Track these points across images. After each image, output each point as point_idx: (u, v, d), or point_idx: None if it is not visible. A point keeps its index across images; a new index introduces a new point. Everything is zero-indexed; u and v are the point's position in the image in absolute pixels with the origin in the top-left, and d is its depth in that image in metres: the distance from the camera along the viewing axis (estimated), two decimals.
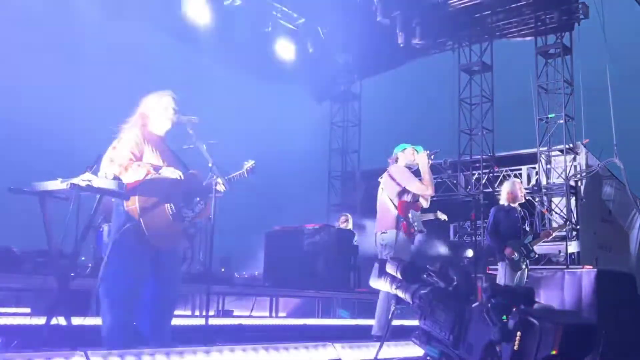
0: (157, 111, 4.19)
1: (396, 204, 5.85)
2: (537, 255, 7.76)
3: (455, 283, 2.51)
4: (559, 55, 14.30)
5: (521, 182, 11.30)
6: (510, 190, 7.77)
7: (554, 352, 2.35)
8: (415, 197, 6.06)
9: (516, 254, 7.30)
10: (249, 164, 4.58)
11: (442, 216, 7.63)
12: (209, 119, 4.87)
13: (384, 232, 5.82)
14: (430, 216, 7.07)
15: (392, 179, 6.00)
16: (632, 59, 15.60)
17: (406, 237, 5.79)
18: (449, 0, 13.77)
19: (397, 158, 6.18)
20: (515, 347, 2.30)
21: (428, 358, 2.42)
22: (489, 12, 14.44)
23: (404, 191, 5.91)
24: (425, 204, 6.24)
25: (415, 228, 5.88)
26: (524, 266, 7.36)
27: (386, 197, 5.92)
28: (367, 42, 16.07)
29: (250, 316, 10.63)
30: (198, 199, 4.11)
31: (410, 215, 5.88)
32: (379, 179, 6.20)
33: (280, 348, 3.76)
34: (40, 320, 4.28)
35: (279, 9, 14.11)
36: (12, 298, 10.73)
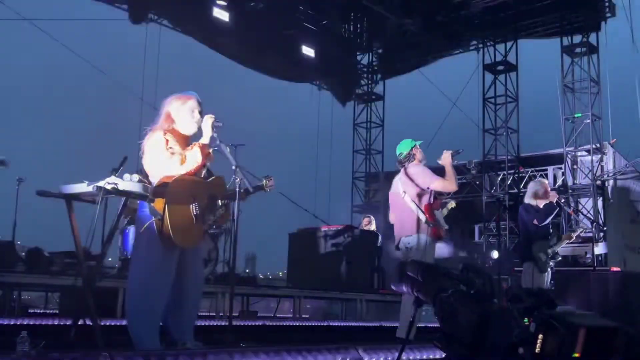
0: (183, 114, 4.16)
1: (422, 207, 5.67)
2: (560, 257, 7.67)
3: (477, 286, 2.50)
4: (585, 54, 14.17)
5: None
6: (536, 189, 7.70)
7: (576, 355, 2.34)
8: (435, 195, 5.87)
9: (543, 255, 7.23)
10: (269, 183, 4.57)
11: (452, 204, 7.54)
12: (233, 120, 4.91)
13: (408, 236, 5.67)
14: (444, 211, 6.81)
15: (412, 180, 5.78)
16: None
17: (432, 239, 5.62)
18: (473, 6, 13.69)
19: (413, 155, 5.92)
20: (537, 350, 2.29)
21: None
22: (514, 11, 14.34)
23: (424, 191, 5.71)
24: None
25: (444, 229, 5.79)
26: (549, 268, 7.30)
27: (409, 200, 5.72)
28: (391, 42, 16.14)
29: (274, 317, 10.69)
30: (220, 203, 4.13)
31: (437, 217, 5.75)
32: (397, 180, 5.95)
33: (303, 351, 3.75)
34: (68, 321, 4.35)
35: (302, 11, 14.16)
36: (41, 298, 10.91)
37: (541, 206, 7.53)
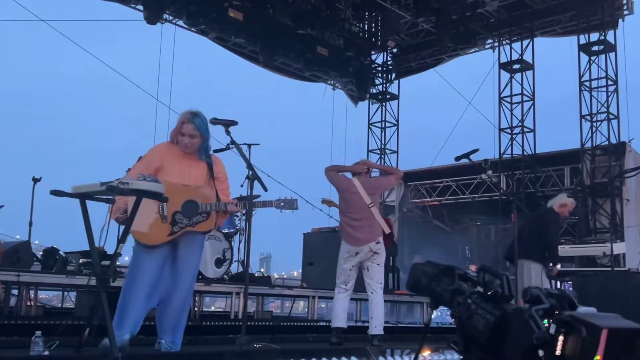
0: (173, 132, 4.31)
1: (382, 216, 6.06)
2: None
3: (494, 287, 2.46)
4: (603, 52, 14.04)
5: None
6: (566, 202, 7.84)
7: (598, 358, 2.29)
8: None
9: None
10: (288, 205, 4.60)
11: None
12: (247, 120, 4.92)
13: (378, 242, 5.89)
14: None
15: (378, 191, 6.29)
16: None
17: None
18: (489, 4, 13.66)
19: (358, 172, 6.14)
20: (558, 352, 2.25)
21: None
22: (530, 9, 14.27)
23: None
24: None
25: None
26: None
27: (376, 211, 5.94)
28: (405, 41, 16.11)
29: (289, 316, 10.71)
30: (200, 210, 4.17)
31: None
32: (360, 188, 6.00)
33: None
34: (83, 320, 4.37)
35: (316, 11, 14.15)
36: (57, 297, 10.98)
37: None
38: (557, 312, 2.35)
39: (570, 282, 7.89)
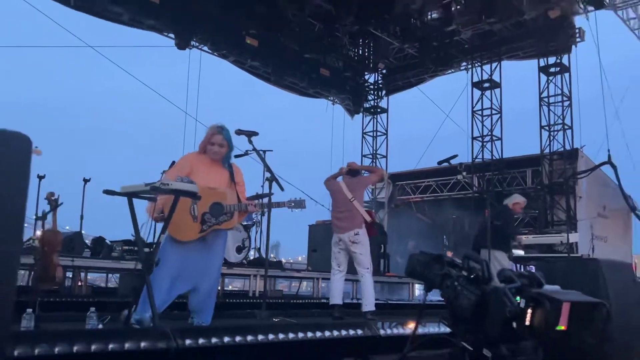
0: (203, 142, 4.29)
1: (364, 209, 5.96)
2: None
3: (476, 272, 2.49)
4: (559, 73, 14.09)
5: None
6: (519, 201, 8.02)
7: (562, 327, 2.31)
8: None
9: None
10: (298, 205, 4.60)
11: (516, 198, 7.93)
12: (262, 130, 4.93)
13: (358, 229, 5.81)
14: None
15: (362, 188, 6.19)
16: (623, 73, 15.31)
17: (366, 232, 5.91)
18: (464, 28, 13.66)
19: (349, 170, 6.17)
20: (527, 323, 2.28)
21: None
22: (498, 37, 14.29)
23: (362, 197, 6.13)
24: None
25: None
26: None
27: (357, 204, 5.90)
28: (393, 63, 16.13)
29: (297, 294, 10.72)
30: (225, 211, 4.15)
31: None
32: (343, 186, 6.04)
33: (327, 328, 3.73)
34: (128, 298, 4.38)
35: (320, 38, 14.15)
36: (101, 278, 10.97)
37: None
38: (526, 290, 2.39)
39: (534, 267, 7.94)
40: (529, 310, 2.30)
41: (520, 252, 10.01)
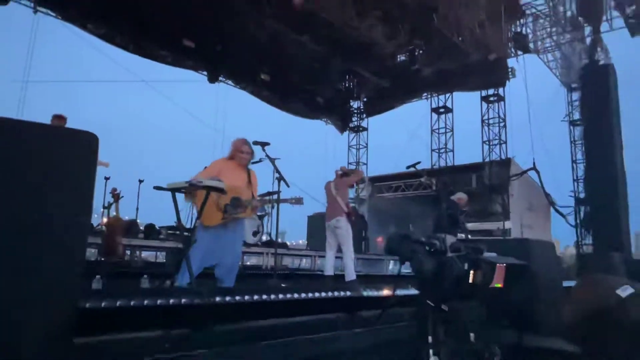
0: (234, 151, 4.26)
1: (345, 201, 5.87)
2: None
3: (435, 246, 2.48)
4: (496, 102, 14.20)
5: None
6: (462, 197, 7.97)
7: (499, 285, 2.30)
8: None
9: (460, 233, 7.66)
10: (297, 201, 4.56)
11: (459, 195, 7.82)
12: (273, 143, 4.90)
13: (339, 217, 5.72)
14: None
15: (345, 188, 6.06)
16: (546, 101, 15.42)
17: (347, 220, 5.78)
18: (424, 71, 13.72)
19: (344, 174, 6.13)
20: (470, 281, 2.27)
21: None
22: (450, 74, 14.35)
23: (345, 194, 5.98)
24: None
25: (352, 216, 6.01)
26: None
27: (340, 199, 5.82)
28: (372, 94, 16.13)
29: (298, 268, 10.68)
30: (240, 207, 4.11)
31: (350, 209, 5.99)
32: (332, 185, 5.98)
33: (323, 291, 3.71)
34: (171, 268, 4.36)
35: (317, 75, 14.12)
36: (151, 255, 10.87)
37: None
38: (470, 257, 2.38)
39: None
40: (472, 272, 2.29)
41: (463, 236, 10.04)
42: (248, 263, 11.28)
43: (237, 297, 2.73)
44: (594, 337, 1.61)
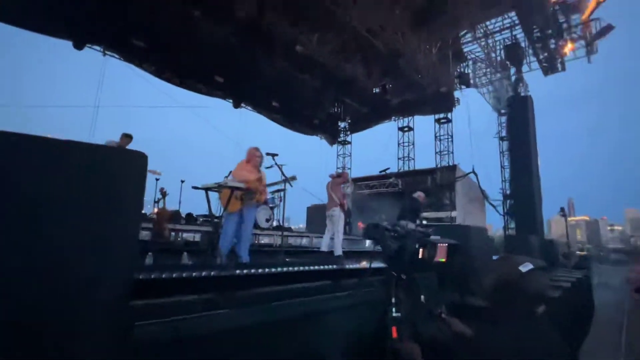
0: (250, 155, 4.26)
1: (340, 196, 5.82)
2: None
3: (399, 232, 2.47)
4: (445, 123, 14.24)
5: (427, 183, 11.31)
6: (421, 195, 7.86)
7: (443, 260, 2.31)
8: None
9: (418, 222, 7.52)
10: (292, 179, 4.55)
11: (418, 194, 7.61)
12: (280, 154, 4.89)
13: (334, 208, 5.70)
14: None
15: (335, 184, 5.98)
16: (484, 122, 15.49)
17: (340, 211, 5.75)
18: (393, 100, 13.75)
19: (340, 175, 6.10)
20: (420, 257, 2.27)
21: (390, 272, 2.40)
22: (412, 102, 14.41)
23: (339, 191, 5.92)
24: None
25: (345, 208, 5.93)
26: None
27: (334, 194, 5.79)
28: (354, 116, 16.09)
29: (300, 245, 10.66)
30: (252, 195, 4.08)
31: (344, 202, 5.93)
32: (330, 184, 5.96)
33: (318, 264, 3.70)
34: (205, 246, 4.34)
35: (314, 102, 14.08)
36: (189, 236, 10.76)
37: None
38: (420, 238, 2.38)
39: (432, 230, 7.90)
40: (421, 249, 2.28)
41: (420, 222, 10.01)
42: (262, 242, 11.26)
43: (252, 270, 2.74)
44: (503, 299, 1.66)
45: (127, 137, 5.47)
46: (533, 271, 1.64)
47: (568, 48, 11.45)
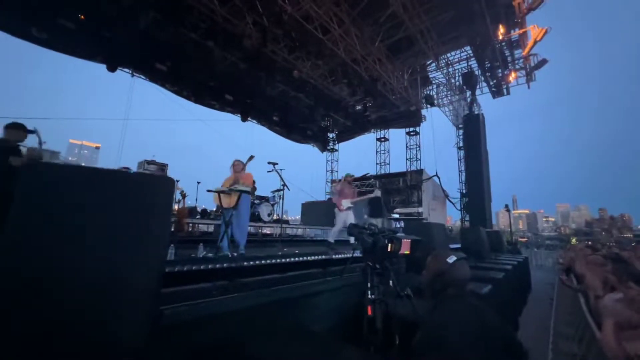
0: (232, 167, 4.14)
1: (343, 198, 5.53)
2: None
3: (373, 230, 2.52)
4: (415, 135, 14.35)
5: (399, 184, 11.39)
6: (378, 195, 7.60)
7: (407, 252, 2.37)
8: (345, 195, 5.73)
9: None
10: (250, 158, 4.22)
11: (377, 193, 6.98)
12: (280, 161, 4.85)
13: (337, 210, 5.42)
14: (370, 195, 6.15)
15: (338, 189, 5.68)
16: (445, 135, 15.73)
17: (339, 212, 5.48)
18: (372, 116, 13.82)
19: (343, 180, 5.71)
20: (389, 250, 2.27)
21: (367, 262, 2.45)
22: (386, 118, 14.47)
23: (341, 195, 5.62)
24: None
25: (345, 208, 5.66)
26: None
27: (336, 197, 5.52)
28: (341, 128, 16.09)
29: (296, 236, 10.65)
30: (252, 198, 3.98)
31: (344, 204, 5.63)
32: (333, 187, 5.77)
33: (311, 254, 3.70)
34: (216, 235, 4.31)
35: (308, 117, 14.07)
36: (206, 227, 10.63)
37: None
38: (388, 235, 2.42)
39: (402, 223, 7.98)
40: (390, 244, 2.26)
41: (395, 215, 10.07)
42: (265, 232, 11.22)
43: (256, 262, 2.78)
44: (436, 286, 1.78)
45: (161, 169, 5.14)
46: (458, 261, 1.73)
47: (512, 77, 11.76)
